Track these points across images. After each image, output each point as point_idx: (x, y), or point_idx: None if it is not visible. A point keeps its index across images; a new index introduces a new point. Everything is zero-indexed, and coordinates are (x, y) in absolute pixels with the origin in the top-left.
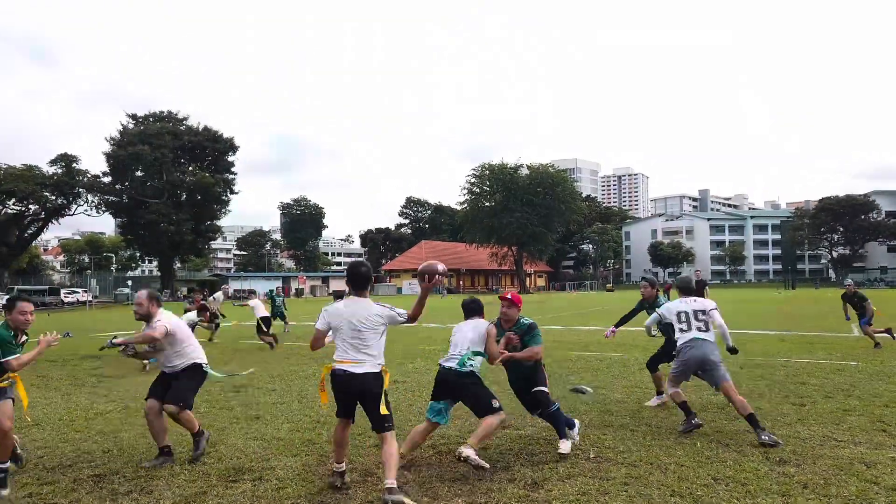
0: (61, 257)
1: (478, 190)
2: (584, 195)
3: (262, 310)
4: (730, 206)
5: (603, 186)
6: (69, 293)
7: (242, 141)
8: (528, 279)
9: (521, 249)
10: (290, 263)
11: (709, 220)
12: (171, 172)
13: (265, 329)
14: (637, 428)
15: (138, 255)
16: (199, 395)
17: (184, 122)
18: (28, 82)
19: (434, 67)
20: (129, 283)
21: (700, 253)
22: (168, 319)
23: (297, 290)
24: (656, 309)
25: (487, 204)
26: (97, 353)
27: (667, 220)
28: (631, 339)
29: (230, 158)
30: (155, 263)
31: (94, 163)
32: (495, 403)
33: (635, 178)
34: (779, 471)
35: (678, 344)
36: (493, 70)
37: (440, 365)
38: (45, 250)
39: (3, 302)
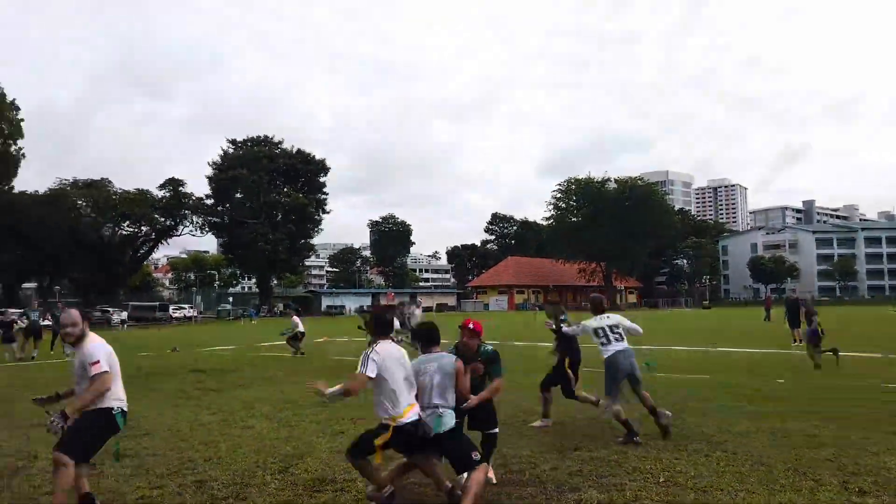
0: (170, 275)
1: (563, 205)
2: (676, 208)
3: (301, 326)
4: (838, 217)
5: (697, 199)
6: (177, 309)
7: (334, 161)
8: (618, 295)
9: (609, 265)
10: (379, 280)
11: (814, 232)
12: (267, 194)
13: (297, 342)
14: (712, 453)
15: (238, 272)
16: (288, 409)
17: (279, 145)
18: (139, 112)
19: (518, 80)
20: (230, 299)
21: (805, 268)
22: (105, 351)
23: (381, 305)
24: (564, 324)
25: (574, 219)
26: (202, 367)
27: (768, 234)
28: (719, 360)
29: (322, 179)
30: (254, 280)
31: (198, 186)
32: (476, 455)
33: (732, 189)
34: (856, 501)
35: (604, 357)
36: (575, 80)
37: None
38: (155, 268)
39: (122, 318)
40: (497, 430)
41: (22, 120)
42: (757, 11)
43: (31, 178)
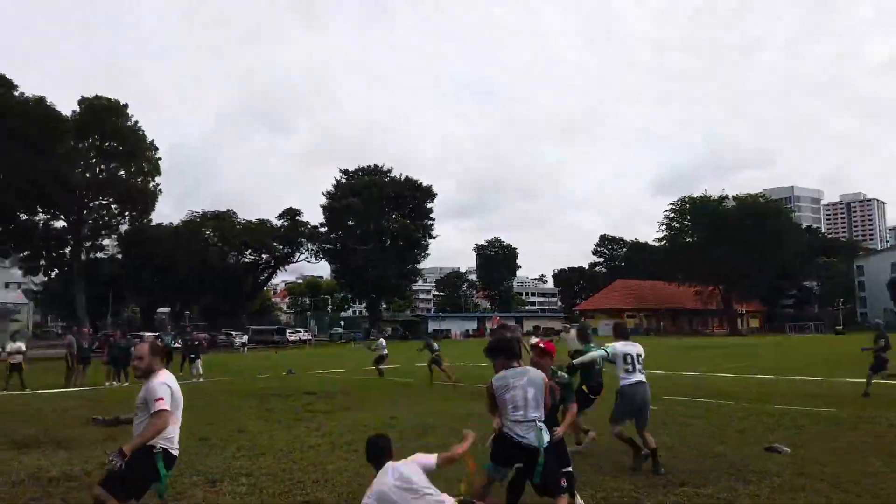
0: (287, 299)
1: (678, 224)
2: (803, 226)
3: (384, 349)
4: None
5: (827, 216)
6: (293, 332)
7: (442, 186)
8: (739, 320)
9: (729, 288)
10: (485, 303)
11: None
12: (377, 221)
13: (379, 364)
14: (832, 494)
15: (350, 296)
16: (393, 432)
17: (388, 174)
18: (261, 146)
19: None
20: (342, 323)
21: None
22: (170, 390)
23: (491, 330)
24: (594, 348)
25: (689, 239)
26: (313, 390)
27: None
28: (849, 391)
29: (429, 205)
30: (364, 304)
31: (313, 214)
32: (563, 482)
33: (868, 204)
34: None
35: (621, 384)
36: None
37: (509, 434)
38: (274, 293)
39: (244, 341)
40: (571, 468)
41: (160, 158)
42: (890, 11)
43: (168, 212)
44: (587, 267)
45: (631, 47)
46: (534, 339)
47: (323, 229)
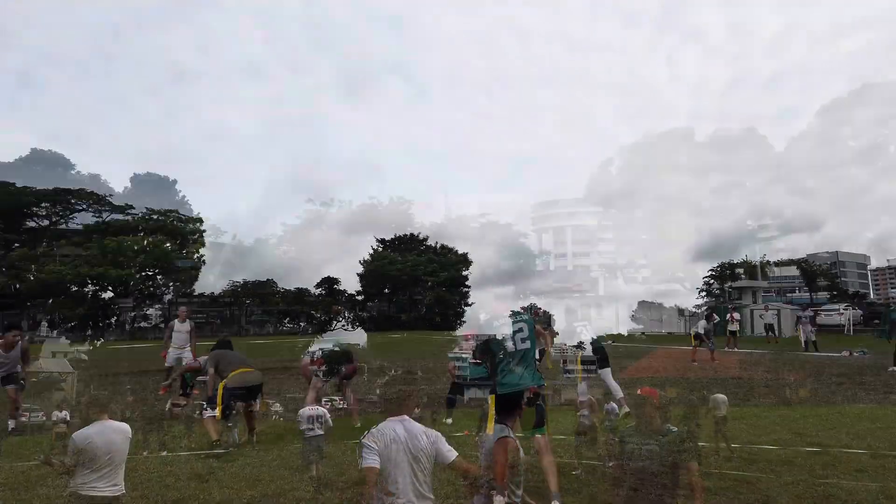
0: (324, 368)
1: (718, 291)
2: (850, 292)
3: None
4: None
5: (875, 281)
6: (327, 401)
7: (482, 254)
8: (787, 388)
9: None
10: None
11: None
12: (412, 289)
13: None
14: None
15: (386, 365)
16: None
17: (423, 242)
18: (306, 219)
19: None
20: (378, 391)
21: None
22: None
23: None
24: None
25: (729, 305)
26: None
27: None
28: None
29: (464, 273)
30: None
31: (350, 283)
32: None
33: None
34: None
35: None
36: None
37: None
38: (311, 361)
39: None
40: None
41: (205, 231)
42: None
43: (213, 281)
44: (626, 334)
45: (666, 118)
46: None
47: (359, 297)
